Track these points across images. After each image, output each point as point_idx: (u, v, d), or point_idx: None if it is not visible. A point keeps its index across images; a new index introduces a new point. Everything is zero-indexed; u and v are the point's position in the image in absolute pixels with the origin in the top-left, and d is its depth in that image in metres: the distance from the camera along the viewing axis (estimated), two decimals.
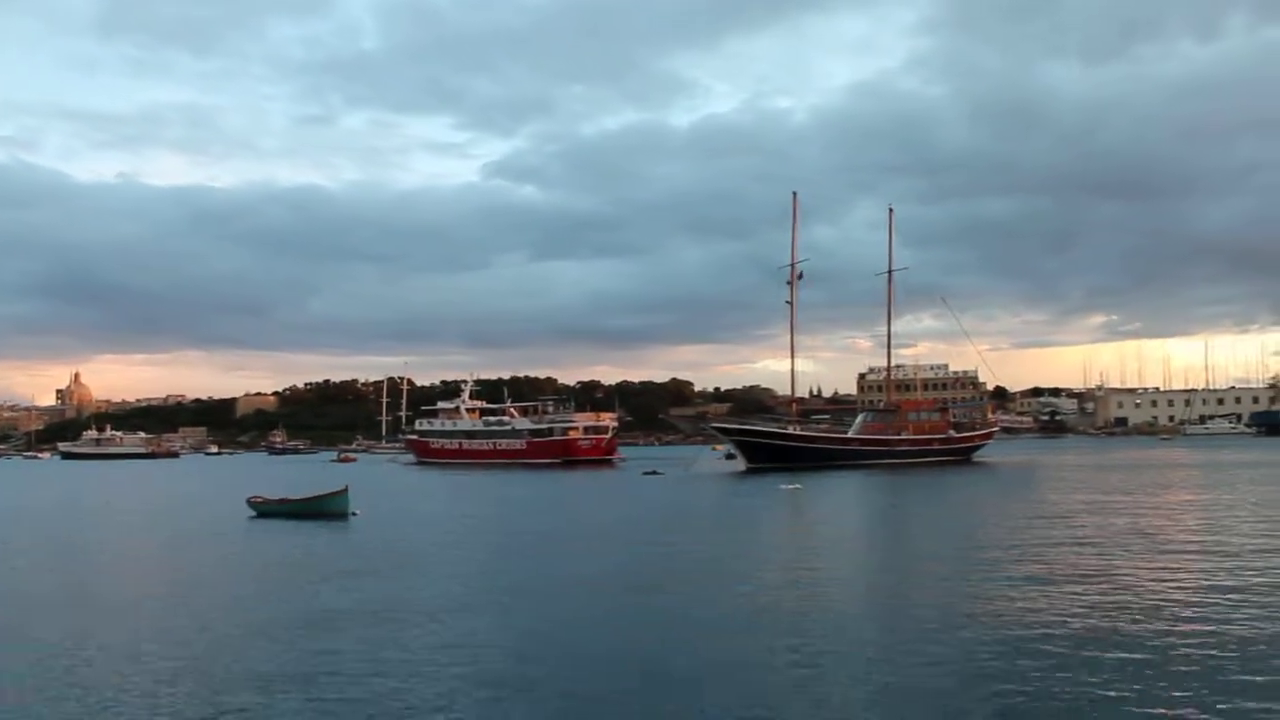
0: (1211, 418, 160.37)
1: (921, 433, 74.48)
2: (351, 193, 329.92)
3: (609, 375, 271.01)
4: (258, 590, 19.89)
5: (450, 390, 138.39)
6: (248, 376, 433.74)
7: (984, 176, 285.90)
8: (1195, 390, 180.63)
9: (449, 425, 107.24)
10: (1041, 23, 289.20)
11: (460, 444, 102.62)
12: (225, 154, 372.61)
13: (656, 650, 13.34)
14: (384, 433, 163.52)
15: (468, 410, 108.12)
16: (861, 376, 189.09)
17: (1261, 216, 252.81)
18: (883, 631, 14.63)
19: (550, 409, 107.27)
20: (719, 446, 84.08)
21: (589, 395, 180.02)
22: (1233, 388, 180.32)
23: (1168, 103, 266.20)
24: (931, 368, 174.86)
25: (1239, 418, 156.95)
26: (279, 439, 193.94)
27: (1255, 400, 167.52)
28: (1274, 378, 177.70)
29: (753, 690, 11.27)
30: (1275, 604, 15.57)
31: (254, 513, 36.44)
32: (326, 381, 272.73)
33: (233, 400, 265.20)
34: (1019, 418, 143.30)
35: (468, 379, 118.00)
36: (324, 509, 35.28)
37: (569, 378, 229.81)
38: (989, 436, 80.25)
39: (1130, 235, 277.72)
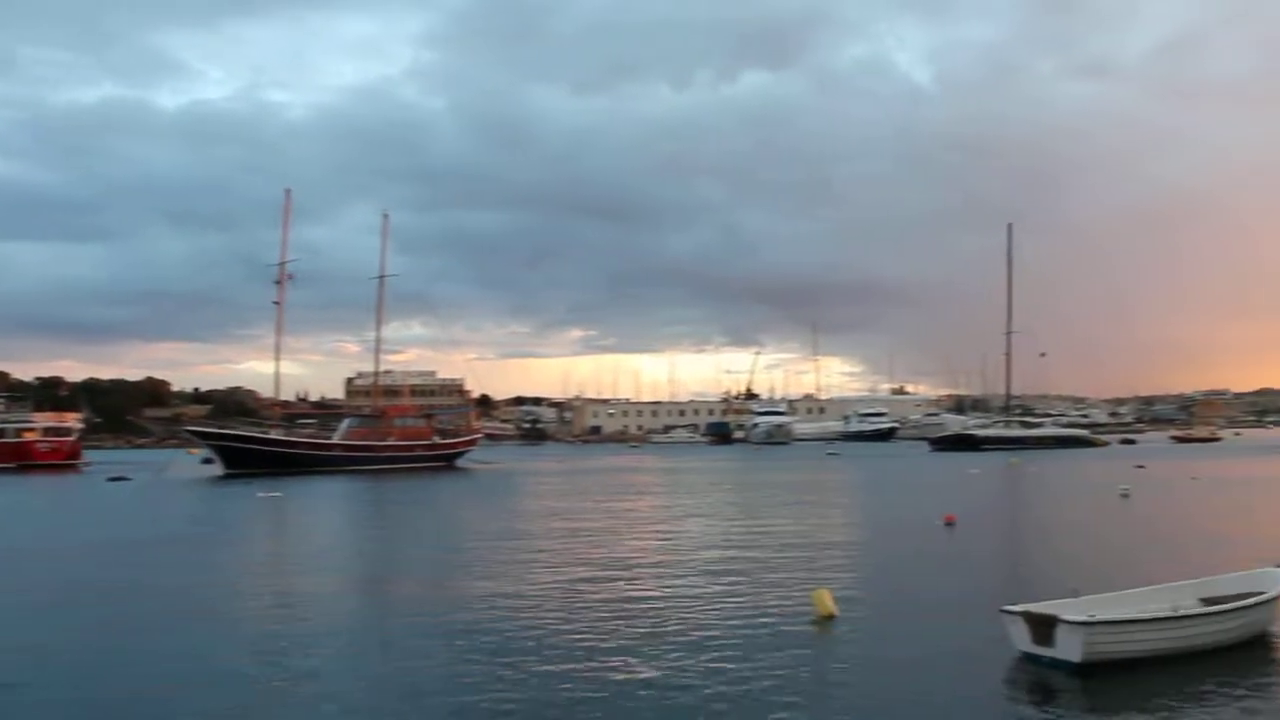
0: (674, 427, 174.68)
1: (407, 438, 74.57)
2: None
3: (74, 371, 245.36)
4: None
5: None
6: None
7: (476, 189, 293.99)
8: (661, 402, 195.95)
9: None
10: (537, 48, 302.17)
11: None
12: None
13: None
14: None
15: None
16: (349, 381, 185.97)
17: (716, 250, 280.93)
18: (360, 648, 14.09)
19: (2, 408, 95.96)
20: (196, 451, 79.22)
21: (50, 393, 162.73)
22: (692, 400, 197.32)
23: (644, 138, 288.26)
24: (420, 374, 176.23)
25: (697, 428, 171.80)
26: None
27: (711, 412, 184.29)
28: (726, 393, 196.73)
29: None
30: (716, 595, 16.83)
31: None
32: None
33: None
34: (502, 425, 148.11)
35: None
36: None
37: (26, 373, 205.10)
38: (473, 443, 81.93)
39: (607, 256, 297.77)
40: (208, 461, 70.23)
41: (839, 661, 12.91)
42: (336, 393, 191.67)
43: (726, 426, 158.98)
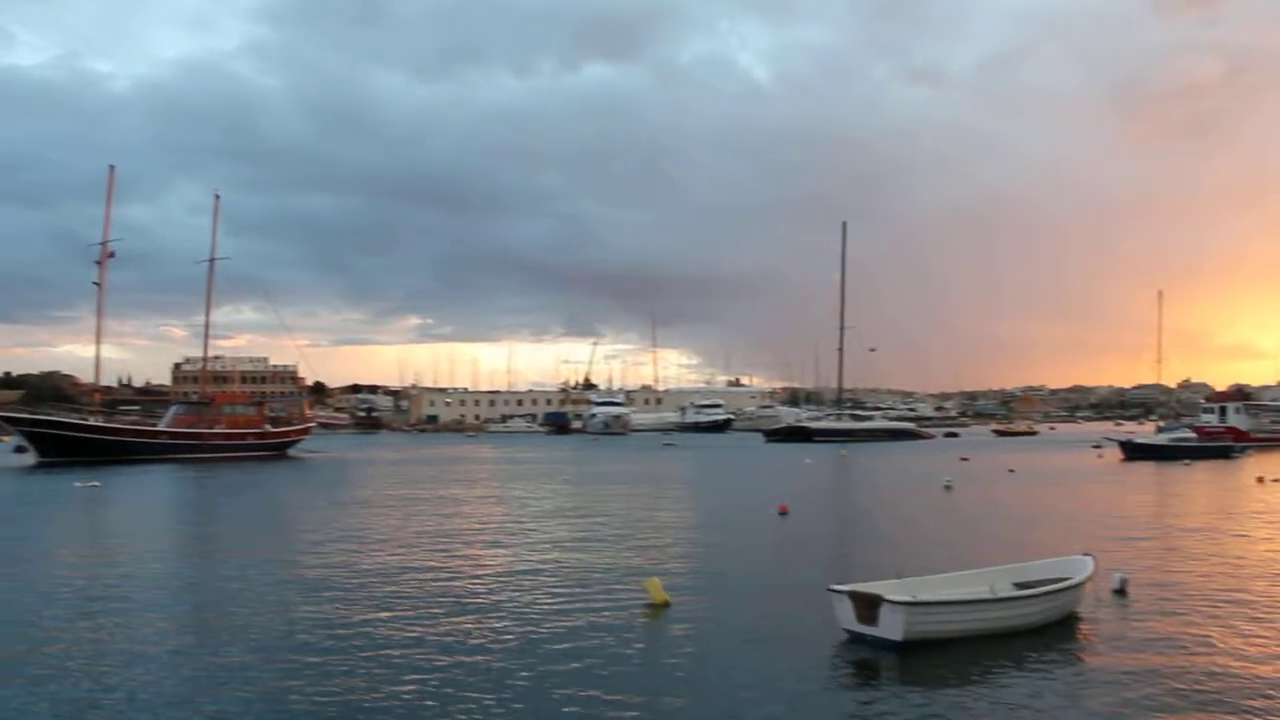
0: (512, 417, 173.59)
1: (236, 427, 72.36)
2: None
3: None
4: None
5: None
6: None
7: (311, 172, 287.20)
8: (499, 391, 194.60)
9: None
10: (377, 31, 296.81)
11: None
12: None
13: None
14: None
15: None
16: (176, 367, 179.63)
17: (556, 240, 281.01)
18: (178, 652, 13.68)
19: None
20: (7, 438, 75.38)
21: None
22: (530, 390, 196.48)
23: (485, 126, 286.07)
24: (251, 360, 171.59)
25: (534, 417, 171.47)
26: None
27: (549, 402, 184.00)
28: (564, 383, 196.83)
29: None
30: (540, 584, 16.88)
31: None
32: None
33: None
34: (336, 414, 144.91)
35: None
36: None
37: None
38: (306, 432, 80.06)
39: (446, 244, 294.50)
40: (20, 450, 66.84)
41: (670, 646, 13.12)
42: (163, 379, 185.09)
43: (564, 417, 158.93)
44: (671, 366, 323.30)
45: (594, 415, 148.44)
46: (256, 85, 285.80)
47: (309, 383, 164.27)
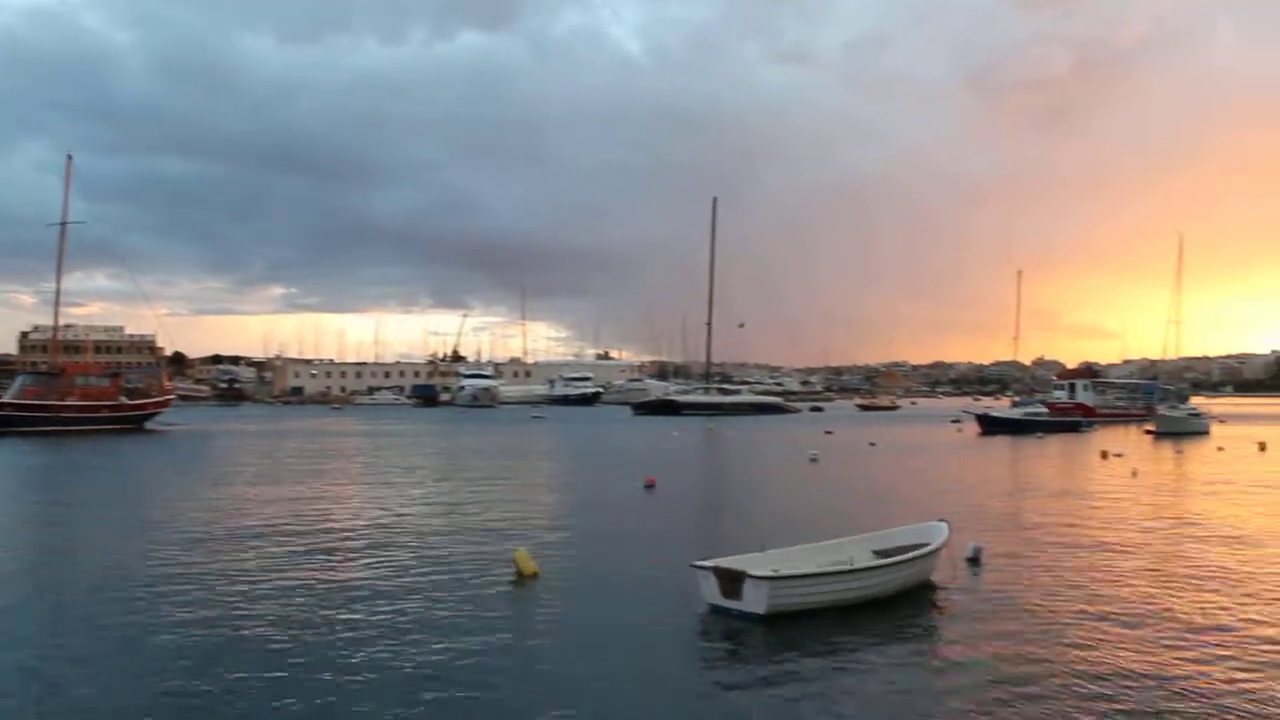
0: (379, 389, 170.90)
1: (89, 398, 69.65)
2: None
3: None
4: None
5: None
6: None
7: (170, 135, 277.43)
8: (366, 363, 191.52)
9: None
10: None
11: None
12: None
13: None
14: None
15: None
16: (24, 335, 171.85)
17: (425, 210, 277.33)
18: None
19: None
20: None
21: None
22: (398, 362, 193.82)
23: (354, 92, 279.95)
24: (105, 330, 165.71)
25: (402, 390, 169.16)
26: None
27: (417, 374, 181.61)
28: (433, 355, 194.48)
29: None
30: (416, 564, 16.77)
31: None
32: None
33: None
34: (197, 386, 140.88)
35: None
36: None
37: None
38: (165, 404, 77.51)
39: (312, 212, 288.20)
40: None
41: (538, 619, 13.11)
42: (8, 348, 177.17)
43: (433, 389, 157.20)
44: (541, 339, 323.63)
45: (462, 388, 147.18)
46: (108, 39, 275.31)
47: (168, 353, 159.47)
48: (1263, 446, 50.08)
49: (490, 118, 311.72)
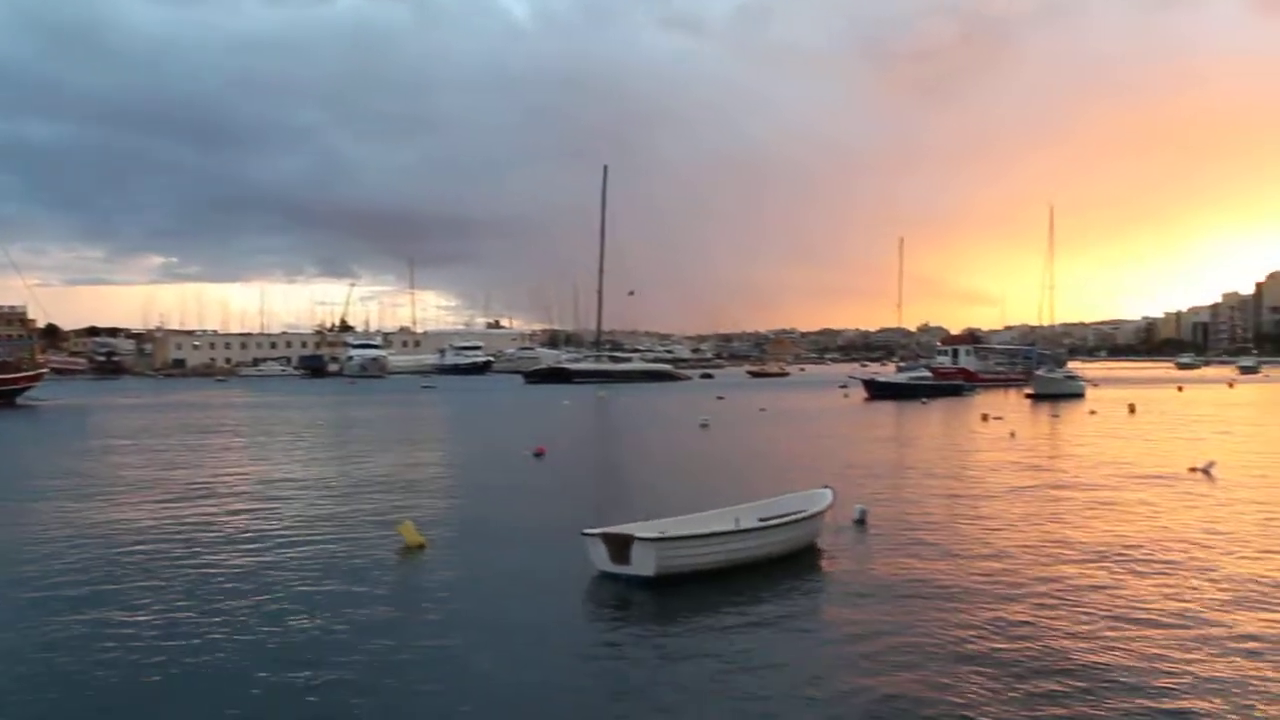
0: (265, 360, 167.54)
1: None
2: None
3: None
4: None
5: None
6: None
7: (34, 96, 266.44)
8: (251, 334, 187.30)
9: None
10: None
11: None
12: None
13: None
14: None
15: None
16: None
17: (309, 177, 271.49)
18: None
19: None
20: None
21: None
22: (284, 333, 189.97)
23: (232, 53, 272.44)
24: None
25: (289, 361, 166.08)
26: None
27: (304, 345, 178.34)
28: (320, 325, 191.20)
29: None
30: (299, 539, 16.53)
31: None
32: None
33: None
34: (72, 359, 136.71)
35: None
36: None
37: None
38: (37, 378, 74.91)
39: (189, 179, 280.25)
40: None
41: (427, 589, 13.03)
42: None
43: (320, 360, 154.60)
44: (430, 308, 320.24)
45: (351, 358, 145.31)
46: None
47: (40, 325, 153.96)
48: (1132, 409, 51.90)
49: (374, 82, 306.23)
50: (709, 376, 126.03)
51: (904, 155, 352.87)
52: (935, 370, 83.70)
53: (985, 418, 46.25)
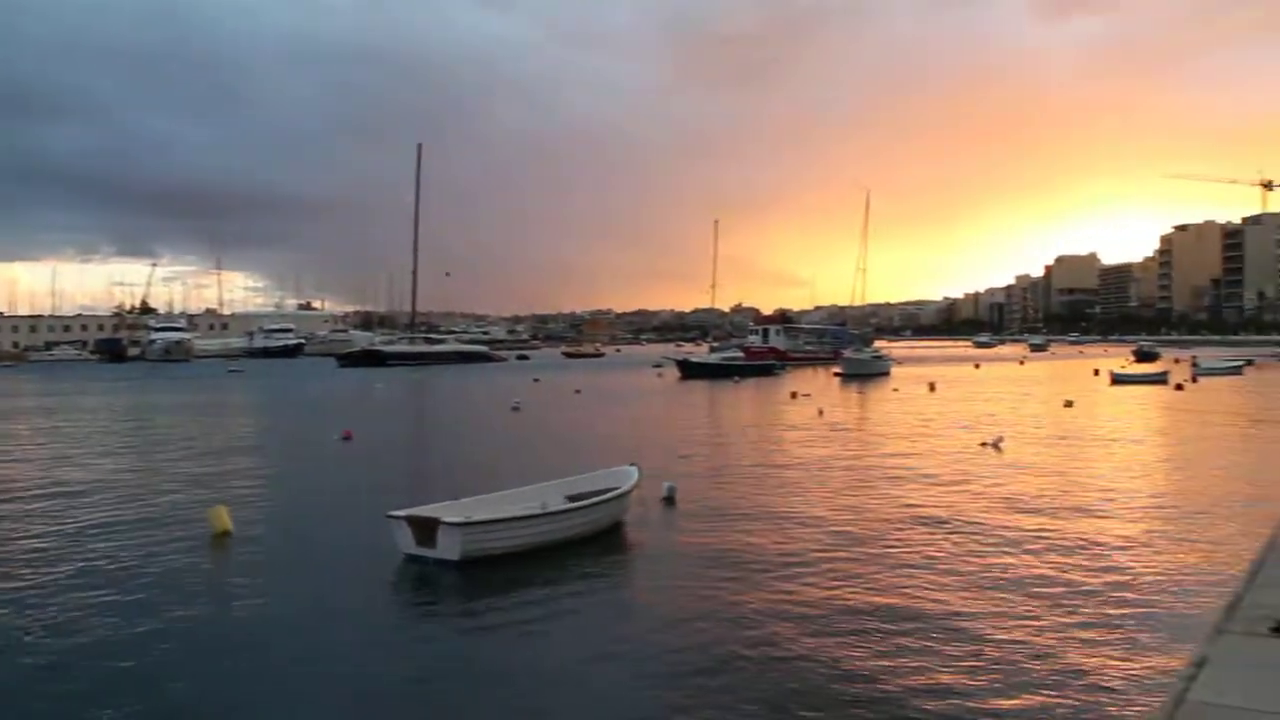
0: (59, 344, 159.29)
1: None
2: None
3: None
4: None
5: None
6: None
7: None
8: (42, 316, 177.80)
9: None
10: None
11: None
12: None
13: None
14: None
15: None
16: None
17: (104, 151, 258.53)
18: None
19: None
20: None
21: None
22: (79, 315, 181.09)
23: (16, 15, 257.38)
24: None
25: (85, 344, 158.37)
26: None
27: (101, 328, 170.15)
28: (119, 306, 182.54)
29: None
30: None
31: None
32: None
33: None
34: None
35: None
36: None
37: None
38: None
39: None
40: None
41: (233, 575, 12.76)
42: None
43: (119, 343, 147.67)
44: (238, 290, 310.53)
45: (153, 341, 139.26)
46: None
47: None
48: (932, 387, 54.21)
49: (175, 55, 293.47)
50: (525, 358, 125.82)
51: (722, 139, 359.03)
52: (747, 350, 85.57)
53: (794, 395, 47.54)
